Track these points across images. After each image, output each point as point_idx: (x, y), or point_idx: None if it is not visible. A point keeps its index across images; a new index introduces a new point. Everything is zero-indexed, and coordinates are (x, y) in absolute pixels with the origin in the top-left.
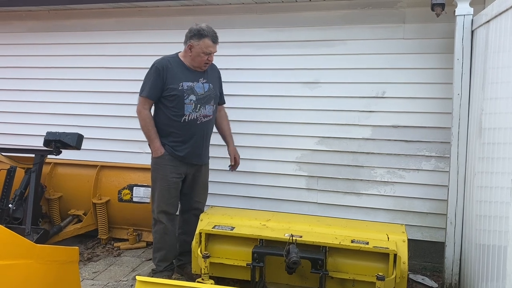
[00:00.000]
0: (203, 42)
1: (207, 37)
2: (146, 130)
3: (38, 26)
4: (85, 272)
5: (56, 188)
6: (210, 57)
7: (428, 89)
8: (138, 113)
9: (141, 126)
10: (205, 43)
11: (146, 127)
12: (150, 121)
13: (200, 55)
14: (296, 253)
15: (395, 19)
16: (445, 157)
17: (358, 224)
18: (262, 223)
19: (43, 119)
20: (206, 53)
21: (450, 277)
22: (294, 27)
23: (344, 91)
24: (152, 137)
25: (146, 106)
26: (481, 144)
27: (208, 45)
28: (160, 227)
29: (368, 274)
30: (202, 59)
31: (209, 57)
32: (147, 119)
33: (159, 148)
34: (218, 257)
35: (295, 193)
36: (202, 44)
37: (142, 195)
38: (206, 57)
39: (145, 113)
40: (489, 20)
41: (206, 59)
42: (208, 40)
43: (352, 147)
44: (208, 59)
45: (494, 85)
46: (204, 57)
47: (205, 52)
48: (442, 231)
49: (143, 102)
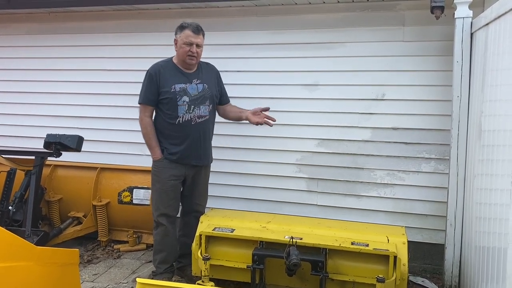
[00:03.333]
0: (183, 33)
1: (187, 28)
2: (147, 138)
3: (38, 28)
4: (85, 274)
5: (56, 190)
6: (192, 48)
7: (428, 91)
8: (140, 121)
9: (142, 133)
10: (185, 33)
11: (147, 135)
12: (151, 129)
13: (182, 46)
14: (297, 255)
15: (395, 21)
16: (444, 159)
17: (358, 226)
18: (262, 225)
19: (43, 121)
20: (187, 43)
21: (450, 279)
22: (294, 29)
23: (344, 93)
24: (152, 145)
25: (147, 113)
26: (481, 146)
27: (188, 35)
28: (161, 229)
29: (368, 276)
30: (184, 50)
31: (191, 49)
32: (148, 126)
33: (159, 154)
34: (218, 259)
35: (295, 195)
36: (182, 35)
37: (142, 197)
38: (188, 48)
39: (146, 121)
40: (488, 22)
41: (189, 51)
42: (188, 31)
43: (352, 149)
44: (190, 50)
45: (494, 87)
46: (186, 48)
47: (186, 42)
48: (442, 233)
49: (143, 110)
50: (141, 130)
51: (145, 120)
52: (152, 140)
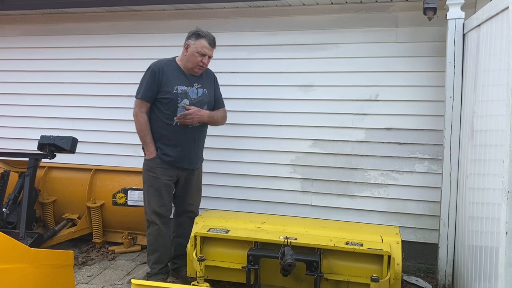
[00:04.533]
0: (199, 42)
1: (204, 38)
2: (142, 134)
3: (32, 30)
4: (80, 276)
5: (50, 192)
6: (204, 59)
7: (421, 92)
8: (135, 116)
9: (137, 129)
10: (201, 43)
11: (142, 131)
12: (146, 124)
13: (195, 55)
14: (291, 255)
15: (388, 23)
16: (438, 159)
17: (352, 226)
18: (257, 225)
19: (37, 122)
20: (201, 54)
21: (443, 278)
22: (288, 30)
23: (338, 94)
24: (147, 141)
25: (143, 109)
26: (473, 146)
27: (204, 45)
28: (154, 228)
29: (363, 276)
30: (196, 59)
31: (203, 59)
32: (143, 122)
33: (153, 151)
34: (213, 260)
35: (290, 196)
36: (198, 44)
37: (137, 198)
38: (200, 59)
39: (142, 116)
40: (480, 24)
41: (200, 61)
42: (205, 41)
43: (346, 149)
44: (202, 61)
45: (486, 87)
46: (199, 58)
47: (200, 52)
48: (435, 233)
49: (140, 105)
50: (136, 125)
51: (140, 116)
52: (147, 136)
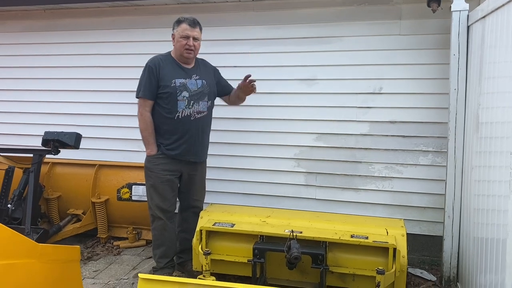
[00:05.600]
0: (180, 27)
1: (183, 22)
2: (146, 133)
3: (34, 25)
4: (86, 271)
5: (54, 188)
6: (189, 41)
7: (425, 84)
8: (140, 115)
9: (141, 129)
10: (181, 27)
11: (146, 130)
12: (151, 124)
13: (179, 40)
14: (297, 248)
15: (392, 15)
16: (442, 152)
17: (357, 219)
18: (262, 219)
19: (41, 118)
20: (184, 37)
21: (448, 270)
22: (291, 24)
23: (342, 87)
24: (150, 141)
25: (147, 108)
26: (478, 138)
27: (184, 28)
28: (159, 223)
29: (368, 269)
30: (182, 43)
31: (188, 42)
32: (148, 122)
33: (154, 149)
34: (219, 254)
35: (294, 190)
36: (179, 29)
37: (141, 193)
38: (185, 42)
39: (147, 116)
40: (485, 15)
41: (186, 44)
42: (184, 24)
43: (350, 143)
44: (187, 44)
45: (491, 79)
46: (183, 42)
47: (183, 36)
48: (440, 225)
49: (143, 104)
50: (140, 125)
51: (145, 115)
52: (151, 136)
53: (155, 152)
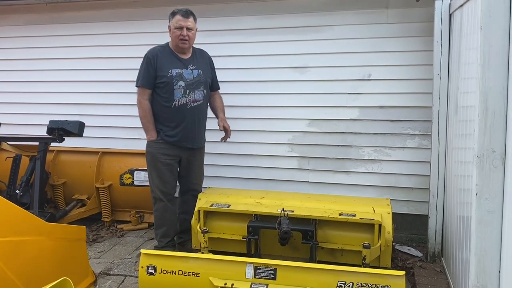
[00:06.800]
0: (174, 19)
1: (177, 14)
2: (145, 120)
3: (36, 19)
4: (91, 252)
5: (60, 175)
6: (183, 32)
7: (411, 70)
8: (139, 103)
9: (140, 116)
10: (175, 18)
11: (145, 117)
12: (149, 111)
13: (174, 31)
14: (287, 224)
15: (379, 4)
16: (428, 135)
17: (346, 199)
18: (256, 200)
19: (45, 109)
20: (178, 28)
21: (433, 246)
22: (283, 14)
23: (332, 74)
24: (150, 128)
25: (145, 96)
26: (457, 121)
27: (178, 19)
28: (161, 205)
29: (356, 244)
30: (176, 34)
31: (182, 32)
32: (147, 109)
33: (154, 134)
34: (216, 233)
35: (288, 173)
36: (173, 20)
37: (143, 178)
38: (179, 32)
39: (146, 104)
40: (462, 4)
41: (180, 34)
42: (178, 16)
43: (341, 128)
44: (181, 34)
45: (468, 65)
46: (178, 32)
47: (177, 26)
48: (426, 205)
49: (142, 93)
50: (139, 113)
51: (144, 103)
52: (150, 123)
53: (155, 137)
